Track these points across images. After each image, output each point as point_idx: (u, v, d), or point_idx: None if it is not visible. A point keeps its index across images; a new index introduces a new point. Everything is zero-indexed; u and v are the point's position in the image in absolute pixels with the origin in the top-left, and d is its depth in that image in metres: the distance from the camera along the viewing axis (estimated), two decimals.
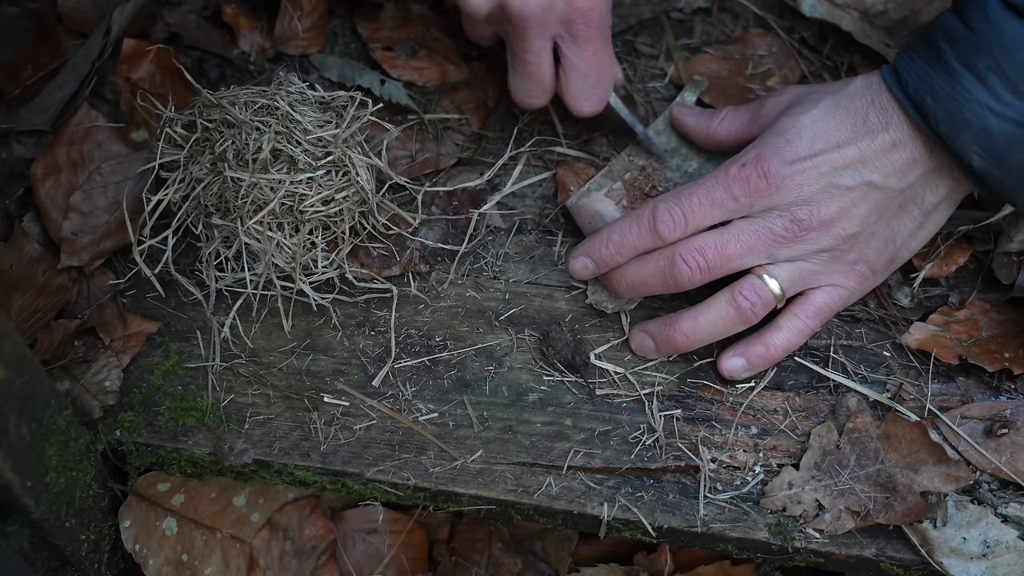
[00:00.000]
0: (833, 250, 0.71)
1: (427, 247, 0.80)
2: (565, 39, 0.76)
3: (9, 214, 0.80)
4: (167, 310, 0.77)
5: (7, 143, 0.83)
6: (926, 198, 0.71)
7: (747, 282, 0.71)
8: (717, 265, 0.70)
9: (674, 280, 0.71)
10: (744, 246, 0.70)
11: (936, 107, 0.66)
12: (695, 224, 0.70)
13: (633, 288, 0.73)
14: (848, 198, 0.69)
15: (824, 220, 0.69)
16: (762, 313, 0.71)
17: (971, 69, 0.65)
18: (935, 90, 0.66)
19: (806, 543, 0.69)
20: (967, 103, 0.65)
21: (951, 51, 0.66)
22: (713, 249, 0.70)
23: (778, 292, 0.71)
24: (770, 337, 0.73)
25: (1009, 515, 0.69)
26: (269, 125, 0.71)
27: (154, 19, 0.90)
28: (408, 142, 0.85)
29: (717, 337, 0.73)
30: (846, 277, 0.72)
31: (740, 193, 0.69)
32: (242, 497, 0.79)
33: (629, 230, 0.72)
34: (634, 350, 0.76)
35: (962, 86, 0.65)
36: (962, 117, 0.65)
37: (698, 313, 0.72)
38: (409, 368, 0.75)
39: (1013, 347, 0.75)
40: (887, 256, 0.73)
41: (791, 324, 0.73)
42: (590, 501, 0.70)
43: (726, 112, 0.78)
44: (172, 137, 0.75)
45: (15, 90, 0.86)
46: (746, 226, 0.70)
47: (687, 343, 0.73)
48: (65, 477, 0.66)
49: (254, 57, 0.89)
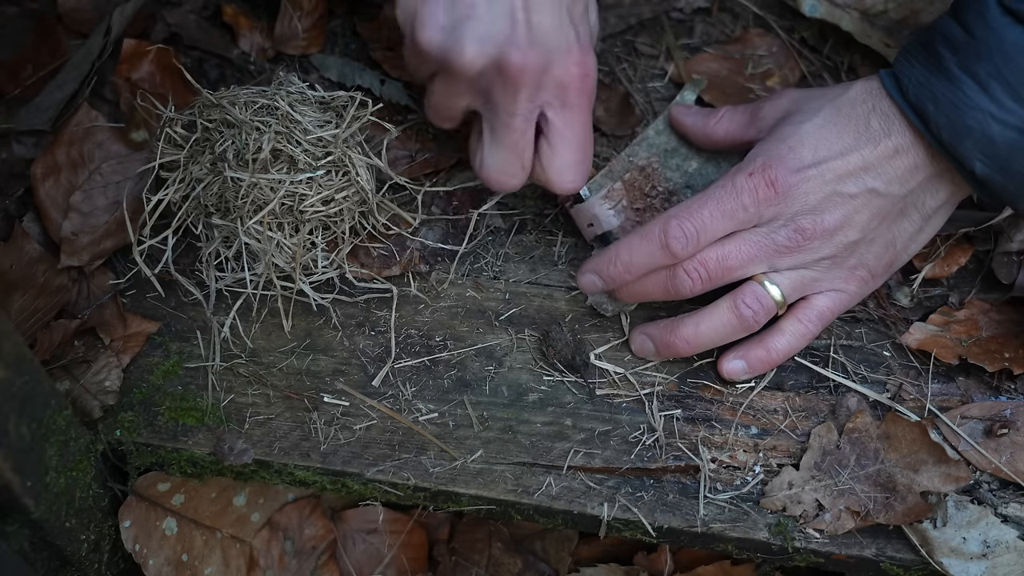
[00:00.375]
0: (834, 257, 0.71)
1: (427, 247, 0.80)
2: (555, 107, 0.70)
3: (9, 214, 0.80)
4: (167, 310, 0.77)
5: (7, 143, 0.83)
6: (927, 202, 0.71)
7: (749, 289, 0.71)
8: (719, 276, 0.70)
9: (675, 290, 0.71)
10: (746, 256, 0.70)
11: (938, 114, 0.66)
12: (707, 238, 0.70)
13: (634, 296, 0.74)
14: (851, 206, 0.69)
15: (827, 229, 0.69)
16: (764, 320, 0.72)
17: (972, 76, 0.65)
18: (936, 97, 0.66)
19: (806, 543, 0.69)
20: (969, 110, 0.65)
21: (952, 57, 0.66)
22: (715, 261, 0.70)
23: (779, 299, 0.71)
24: (772, 341, 0.73)
25: (1009, 515, 0.69)
26: (269, 125, 0.71)
27: (154, 19, 0.90)
28: (408, 142, 0.85)
29: (718, 343, 0.73)
30: (847, 282, 0.72)
31: (750, 203, 0.69)
32: (242, 497, 0.79)
33: (639, 248, 0.71)
34: (634, 352, 0.76)
35: (964, 93, 0.65)
36: (964, 124, 0.65)
37: (699, 320, 0.72)
38: (409, 368, 0.75)
39: (1013, 347, 0.75)
40: (887, 260, 0.73)
41: (793, 328, 0.73)
42: (590, 501, 0.70)
43: (723, 112, 0.78)
44: (172, 137, 0.75)
45: (15, 90, 0.86)
46: (749, 236, 0.70)
47: (687, 348, 0.73)
48: (65, 477, 0.66)
49: (254, 57, 0.89)
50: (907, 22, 0.87)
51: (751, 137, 0.75)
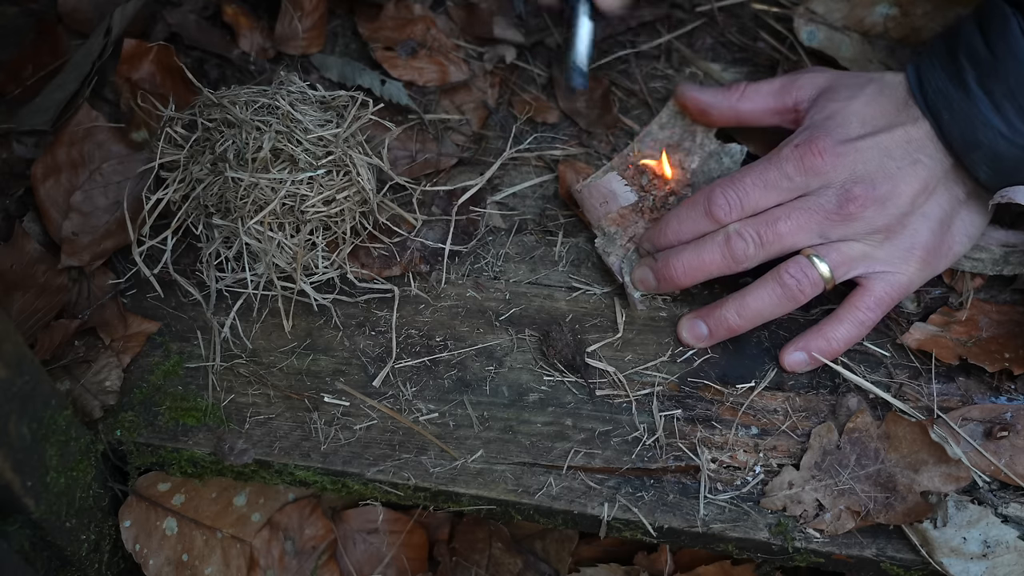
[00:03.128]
0: (887, 230, 0.71)
1: (427, 247, 0.80)
2: None
3: (9, 214, 0.80)
4: (167, 310, 0.77)
5: (7, 143, 0.83)
6: (961, 187, 0.73)
7: (793, 261, 0.72)
8: (771, 241, 0.71)
9: (732, 255, 0.71)
10: (795, 224, 0.71)
11: (952, 124, 0.69)
12: (750, 206, 0.71)
13: (690, 272, 0.73)
14: (900, 176, 0.70)
15: (878, 198, 0.70)
16: (810, 293, 0.72)
17: (988, 93, 0.67)
18: (952, 107, 0.69)
19: (806, 543, 0.69)
20: (980, 126, 0.68)
21: (971, 70, 0.68)
22: (766, 225, 0.71)
23: (826, 274, 0.71)
24: (831, 330, 0.73)
25: (1009, 515, 0.69)
26: (270, 124, 0.71)
27: (154, 19, 0.90)
28: (408, 142, 0.85)
29: (767, 317, 0.73)
30: (905, 263, 0.72)
31: (794, 172, 0.70)
32: (242, 497, 0.79)
33: (685, 215, 0.73)
34: (684, 341, 0.76)
35: (978, 108, 0.68)
36: (975, 138, 0.68)
37: (745, 292, 0.73)
38: (409, 368, 0.75)
39: (1013, 347, 0.75)
40: (941, 241, 0.73)
41: (852, 316, 0.73)
42: (590, 501, 0.70)
43: (745, 87, 0.78)
44: (172, 137, 0.75)
45: (15, 90, 0.86)
46: (798, 203, 0.71)
47: (738, 322, 0.73)
48: (65, 477, 0.66)
49: (254, 57, 0.89)
50: (908, 40, 0.87)
51: (787, 106, 0.76)
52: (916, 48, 0.86)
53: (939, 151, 0.71)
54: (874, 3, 0.87)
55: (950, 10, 0.85)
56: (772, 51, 0.91)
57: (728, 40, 0.92)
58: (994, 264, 0.77)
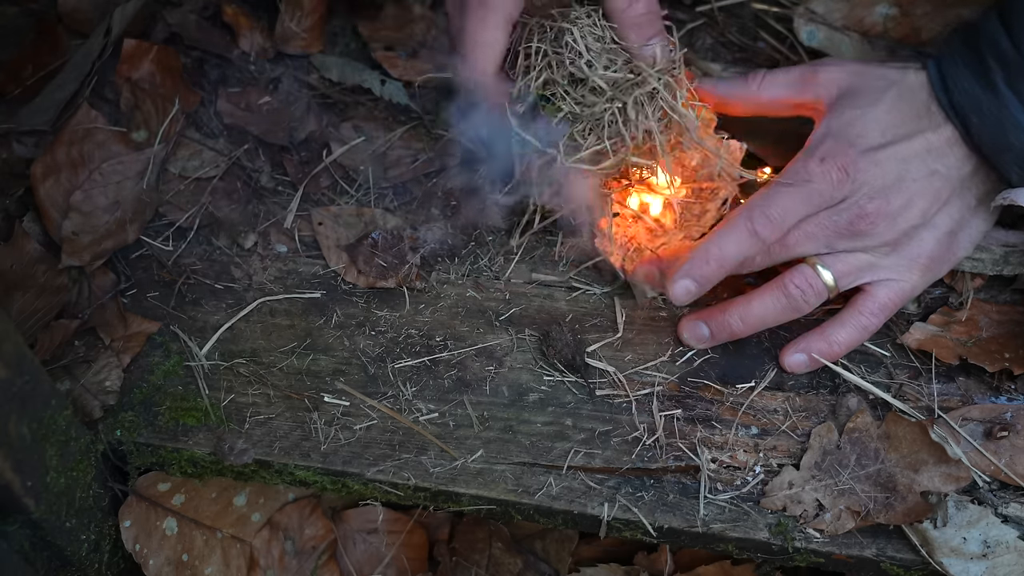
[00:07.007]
0: (895, 243, 0.71)
1: (427, 247, 0.80)
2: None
3: (9, 214, 0.80)
4: (167, 310, 0.77)
5: (7, 143, 0.83)
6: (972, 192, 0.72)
7: (798, 270, 0.72)
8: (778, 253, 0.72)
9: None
10: (804, 234, 0.71)
11: (982, 127, 0.68)
12: (790, 223, 0.71)
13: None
14: (914, 188, 0.70)
15: (890, 213, 0.70)
16: (814, 303, 0.72)
17: (1017, 94, 0.66)
18: (982, 110, 0.68)
19: (806, 543, 0.69)
20: (1012, 128, 0.67)
21: (999, 71, 0.67)
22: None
23: (831, 283, 0.72)
24: (833, 333, 0.73)
25: (1009, 515, 0.69)
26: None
27: (154, 19, 0.90)
28: (411, 141, 0.85)
29: (769, 324, 0.74)
30: (909, 271, 0.73)
31: (825, 188, 0.70)
32: (242, 497, 0.79)
33: (728, 239, 0.71)
34: (685, 341, 0.76)
35: (1008, 111, 0.67)
36: (1006, 140, 0.67)
37: (750, 298, 0.73)
38: (409, 368, 0.75)
39: (1013, 347, 0.75)
40: (946, 249, 0.73)
41: (855, 320, 0.73)
42: (590, 501, 0.70)
43: (763, 75, 0.77)
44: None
45: (15, 90, 0.86)
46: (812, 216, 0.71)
47: (740, 326, 0.73)
48: (65, 477, 0.66)
49: (254, 57, 0.90)
50: (908, 40, 0.86)
51: (807, 102, 0.75)
52: (916, 48, 0.86)
53: (958, 158, 0.71)
54: (874, 3, 0.87)
55: (950, 10, 0.85)
56: (772, 51, 0.91)
57: (728, 40, 0.92)
58: (994, 264, 0.77)
